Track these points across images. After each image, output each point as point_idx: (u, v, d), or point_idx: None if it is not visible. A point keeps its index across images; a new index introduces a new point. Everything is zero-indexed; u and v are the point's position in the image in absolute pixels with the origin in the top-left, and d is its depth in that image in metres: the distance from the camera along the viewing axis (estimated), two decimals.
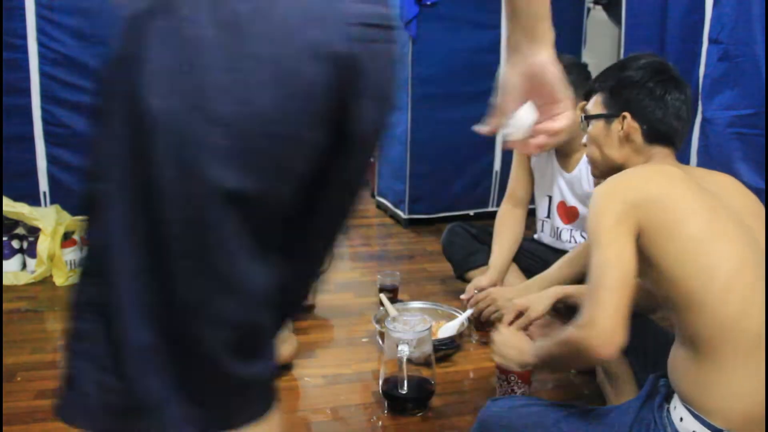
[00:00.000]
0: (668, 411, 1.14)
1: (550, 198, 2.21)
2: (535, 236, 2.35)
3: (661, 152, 1.32)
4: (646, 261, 1.12)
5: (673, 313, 1.12)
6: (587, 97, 1.44)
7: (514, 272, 2.24)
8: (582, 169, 2.08)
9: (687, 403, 1.08)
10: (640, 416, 1.15)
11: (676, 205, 1.12)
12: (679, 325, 1.11)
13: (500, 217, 2.30)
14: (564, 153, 2.12)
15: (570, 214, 2.16)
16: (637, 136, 1.32)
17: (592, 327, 1.08)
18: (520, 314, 1.68)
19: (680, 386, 1.11)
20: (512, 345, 1.46)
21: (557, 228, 2.19)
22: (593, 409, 1.21)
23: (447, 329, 2.01)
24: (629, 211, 1.12)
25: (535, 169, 2.27)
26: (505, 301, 1.92)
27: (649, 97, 1.30)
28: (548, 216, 2.23)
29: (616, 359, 1.46)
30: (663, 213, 1.11)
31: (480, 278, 2.13)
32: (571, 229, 2.16)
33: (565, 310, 2.03)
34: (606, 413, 1.18)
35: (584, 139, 1.43)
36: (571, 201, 2.14)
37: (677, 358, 1.12)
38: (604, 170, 1.39)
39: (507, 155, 3.22)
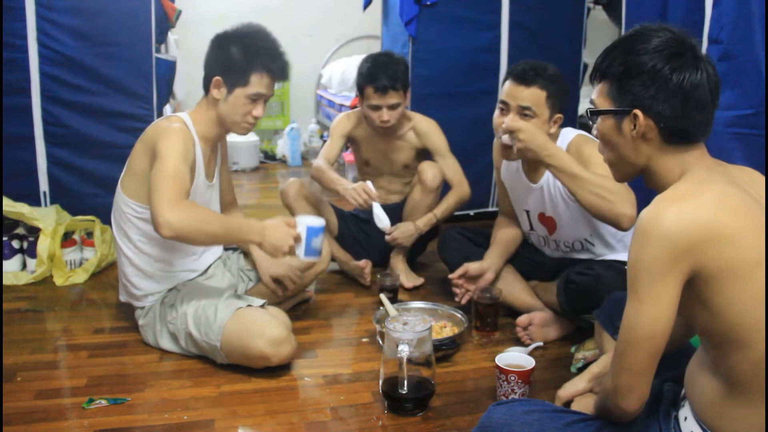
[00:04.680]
0: (676, 420, 1.12)
1: (528, 212, 2.18)
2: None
3: (693, 153, 1.12)
4: (693, 298, 1.03)
5: (712, 346, 1.05)
6: (593, 80, 1.22)
7: (512, 273, 2.24)
8: (548, 180, 2.04)
9: (705, 424, 1.06)
10: (645, 425, 1.14)
11: (752, 243, 0.99)
12: (716, 356, 1.05)
13: (496, 225, 2.32)
14: (531, 166, 2.09)
15: (552, 224, 2.13)
16: (654, 135, 1.11)
17: (617, 396, 1.08)
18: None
19: (702, 408, 1.07)
20: None
21: (545, 238, 2.18)
22: (595, 417, 1.20)
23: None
24: (685, 253, 0.98)
25: (506, 184, 2.25)
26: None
27: (665, 90, 1.09)
28: (531, 228, 2.21)
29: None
30: (734, 253, 0.98)
31: (471, 263, 2.13)
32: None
33: (561, 311, 2.04)
34: (609, 422, 1.16)
35: (593, 132, 1.22)
36: (549, 212, 2.11)
37: (706, 386, 1.07)
38: (627, 173, 1.19)
39: None
